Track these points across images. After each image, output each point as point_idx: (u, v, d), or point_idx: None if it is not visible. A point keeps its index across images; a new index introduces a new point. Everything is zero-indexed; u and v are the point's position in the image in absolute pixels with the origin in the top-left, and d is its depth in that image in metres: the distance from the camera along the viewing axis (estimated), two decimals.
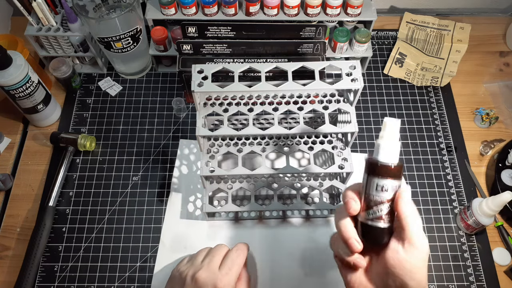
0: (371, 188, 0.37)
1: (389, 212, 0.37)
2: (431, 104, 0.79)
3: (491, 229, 0.67)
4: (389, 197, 0.37)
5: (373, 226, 0.38)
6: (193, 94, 0.52)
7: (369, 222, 0.38)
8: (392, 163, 0.37)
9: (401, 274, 0.37)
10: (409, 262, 0.36)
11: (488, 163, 0.73)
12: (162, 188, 0.69)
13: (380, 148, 0.37)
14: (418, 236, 0.37)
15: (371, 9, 0.74)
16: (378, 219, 0.37)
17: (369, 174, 0.38)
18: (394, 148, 0.37)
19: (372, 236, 0.38)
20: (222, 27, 0.69)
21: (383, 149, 0.37)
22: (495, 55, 0.85)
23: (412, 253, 0.37)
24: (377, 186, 0.37)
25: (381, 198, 0.37)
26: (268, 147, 0.61)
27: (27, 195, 0.69)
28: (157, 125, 0.76)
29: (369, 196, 0.38)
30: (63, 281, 0.62)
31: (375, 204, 0.37)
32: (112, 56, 0.75)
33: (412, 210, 0.38)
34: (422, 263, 0.37)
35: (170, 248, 0.64)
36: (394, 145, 0.37)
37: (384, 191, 0.37)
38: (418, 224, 0.38)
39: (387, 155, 0.37)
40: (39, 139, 0.74)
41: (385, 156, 0.37)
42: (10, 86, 0.65)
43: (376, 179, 0.37)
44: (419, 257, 0.37)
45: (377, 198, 0.37)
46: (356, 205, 0.38)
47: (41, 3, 0.69)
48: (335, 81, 0.54)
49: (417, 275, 0.36)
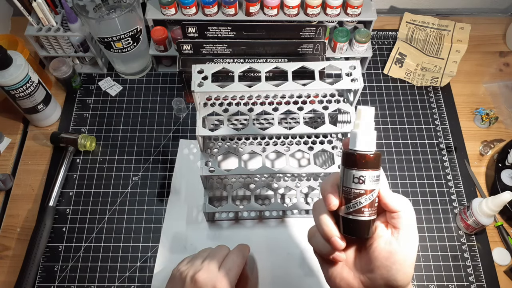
0: (349, 181, 0.35)
1: (370, 203, 0.36)
2: (431, 104, 0.79)
3: (491, 229, 0.67)
4: (368, 188, 0.35)
5: (355, 220, 0.36)
6: (193, 94, 0.52)
7: (350, 216, 0.36)
8: (369, 151, 0.35)
9: (390, 266, 0.35)
10: (402, 254, 0.35)
11: (488, 163, 0.73)
12: (162, 188, 0.69)
13: (356, 137, 0.35)
14: (412, 227, 0.36)
15: (371, 9, 0.74)
16: (359, 212, 0.35)
17: (346, 165, 0.36)
18: (370, 136, 0.35)
19: (354, 230, 0.36)
20: (222, 27, 0.69)
21: (359, 138, 0.35)
22: (495, 55, 0.86)
23: (405, 244, 0.35)
24: (355, 178, 0.35)
25: (361, 190, 0.35)
26: (268, 147, 0.61)
27: (27, 195, 0.69)
28: (157, 125, 0.76)
29: (348, 189, 0.36)
30: (63, 281, 0.62)
31: (355, 197, 0.35)
32: (112, 56, 0.75)
33: (402, 200, 0.36)
34: (414, 257, 0.36)
35: (170, 248, 0.64)
36: (370, 133, 0.35)
37: (363, 182, 0.35)
38: (411, 214, 0.36)
39: (364, 144, 0.35)
40: (39, 139, 0.74)
41: (361, 145, 0.35)
42: (10, 86, 0.65)
43: (354, 171, 0.35)
44: (412, 250, 0.36)
45: (356, 191, 0.35)
46: (335, 199, 0.36)
47: (41, 3, 0.69)
48: (335, 81, 0.54)
49: (408, 268, 0.35)
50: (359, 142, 0.35)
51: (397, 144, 0.74)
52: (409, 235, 0.35)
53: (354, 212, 0.36)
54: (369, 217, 0.36)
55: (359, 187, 0.35)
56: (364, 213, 0.36)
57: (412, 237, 0.36)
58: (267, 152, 0.60)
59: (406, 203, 0.36)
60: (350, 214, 0.36)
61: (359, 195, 0.35)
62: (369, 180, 0.35)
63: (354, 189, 0.35)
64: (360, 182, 0.35)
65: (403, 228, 0.36)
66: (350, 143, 0.36)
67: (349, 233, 0.37)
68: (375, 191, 0.35)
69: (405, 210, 0.36)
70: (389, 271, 0.35)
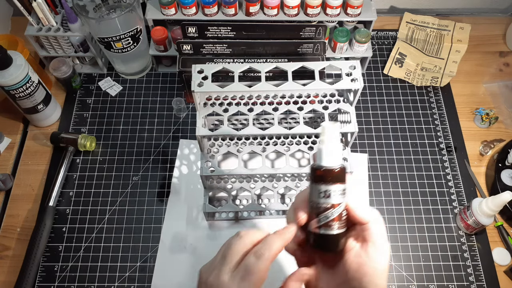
0: (316, 196, 0.36)
1: (337, 217, 0.36)
2: (431, 104, 0.79)
3: (491, 229, 0.67)
4: (335, 202, 0.35)
5: (323, 234, 0.36)
6: (193, 94, 0.52)
7: (319, 231, 0.36)
8: (333, 167, 0.36)
9: (361, 279, 0.35)
10: (371, 265, 0.35)
11: (488, 163, 0.73)
12: (162, 188, 0.69)
13: (322, 152, 0.36)
14: (381, 238, 0.35)
15: (371, 9, 0.74)
16: (327, 226, 0.36)
17: (313, 181, 0.36)
18: (335, 152, 0.36)
19: (324, 244, 0.36)
20: (222, 27, 0.69)
21: (324, 154, 0.36)
22: (495, 55, 0.86)
23: (375, 257, 0.35)
24: (321, 193, 0.36)
25: (327, 204, 0.35)
26: (268, 147, 0.61)
27: (27, 195, 0.69)
28: (157, 125, 0.76)
29: (315, 203, 0.36)
30: (63, 281, 0.62)
31: (322, 211, 0.36)
32: (112, 56, 0.75)
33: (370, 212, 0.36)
34: (385, 268, 0.35)
35: (170, 248, 0.64)
36: (334, 150, 0.36)
37: (331, 196, 0.35)
38: (380, 225, 0.36)
39: (328, 160, 0.36)
40: (39, 139, 0.74)
41: (326, 161, 0.36)
42: (10, 86, 0.65)
43: (320, 185, 0.35)
44: (382, 260, 0.35)
45: (324, 205, 0.35)
46: (303, 214, 0.36)
47: (41, 3, 0.69)
48: (335, 81, 0.54)
49: (379, 280, 0.35)
50: (324, 158, 0.36)
51: (397, 144, 0.74)
52: (378, 246, 0.35)
53: (322, 227, 0.36)
54: (337, 231, 0.36)
55: (327, 201, 0.35)
56: (332, 227, 0.36)
57: (381, 248, 0.35)
58: (267, 152, 0.60)
59: (375, 214, 0.36)
60: (318, 229, 0.36)
61: (325, 209, 0.35)
62: (334, 194, 0.35)
63: (320, 204, 0.36)
64: (326, 197, 0.35)
65: (372, 240, 0.35)
66: (317, 158, 0.37)
67: (319, 247, 0.37)
68: (341, 205, 0.36)
69: (373, 222, 0.35)
70: (360, 283, 0.35)
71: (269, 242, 0.36)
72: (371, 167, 0.72)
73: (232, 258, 0.36)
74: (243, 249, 0.37)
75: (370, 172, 0.71)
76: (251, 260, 0.35)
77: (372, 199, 0.69)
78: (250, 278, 0.35)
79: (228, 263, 0.36)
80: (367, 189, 0.70)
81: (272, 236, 0.37)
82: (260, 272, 0.35)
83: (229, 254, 0.36)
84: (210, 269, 0.37)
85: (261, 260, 0.35)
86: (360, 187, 0.70)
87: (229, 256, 0.36)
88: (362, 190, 0.69)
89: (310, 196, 0.37)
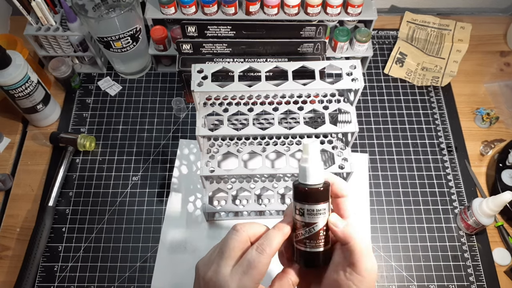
0: (299, 213, 0.36)
1: (316, 235, 0.35)
2: (432, 104, 0.78)
3: (491, 229, 0.67)
4: (311, 221, 0.35)
5: (301, 250, 0.36)
6: (193, 94, 0.52)
7: (300, 246, 0.36)
8: (318, 185, 0.35)
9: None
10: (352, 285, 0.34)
11: (488, 163, 0.73)
12: (162, 188, 0.69)
13: (307, 171, 0.35)
14: (364, 262, 0.34)
15: (372, 9, 0.74)
16: (302, 243, 0.36)
17: (296, 199, 0.36)
18: (319, 169, 0.35)
19: (305, 260, 0.36)
20: (222, 27, 0.69)
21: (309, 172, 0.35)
22: (496, 55, 0.85)
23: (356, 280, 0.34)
24: (296, 210, 0.36)
25: (302, 222, 0.35)
26: (268, 147, 0.61)
27: (27, 195, 0.69)
28: (157, 125, 0.75)
29: (294, 219, 0.36)
30: (63, 281, 0.62)
31: (298, 228, 0.36)
32: (112, 56, 0.75)
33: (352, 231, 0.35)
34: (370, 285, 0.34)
35: (170, 248, 0.64)
36: (318, 166, 0.35)
37: (302, 214, 0.35)
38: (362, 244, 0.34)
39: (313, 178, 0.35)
40: (38, 139, 0.74)
41: (304, 178, 0.35)
42: (10, 86, 0.64)
43: (303, 204, 0.35)
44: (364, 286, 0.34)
45: (299, 222, 0.36)
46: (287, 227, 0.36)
47: (40, 3, 0.69)
48: (335, 81, 0.53)
49: None
50: (303, 175, 0.36)
51: (397, 144, 0.74)
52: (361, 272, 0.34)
53: (298, 242, 0.36)
54: (318, 249, 0.36)
55: (300, 219, 0.35)
56: (312, 244, 0.35)
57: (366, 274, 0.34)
58: (267, 152, 0.60)
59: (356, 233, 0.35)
60: (299, 244, 0.36)
61: (300, 227, 0.36)
62: (315, 213, 0.35)
63: (297, 221, 0.36)
64: (300, 214, 0.35)
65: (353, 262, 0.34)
66: (299, 177, 0.36)
67: (299, 262, 0.37)
68: (317, 224, 0.35)
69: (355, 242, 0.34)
70: None
71: (270, 237, 0.36)
72: (371, 167, 0.72)
73: (231, 252, 0.36)
74: (241, 243, 0.36)
75: (370, 172, 0.71)
76: (253, 254, 0.35)
77: (373, 199, 0.69)
78: (252, 273, 0.34)
79: (227, 258, 0.36)
80: (367, 189, 0.70)
81: (273, 231, 0.37)
82: (263, 267, 0.35)
83: (227, 248, 0.36)
84: (208, 264, 0.37)
85: (263, 255, 0.35)
86: (360, 188, 0.70)
87: (227, 250, 0.36)
88: (362, 190, 0.69)
89: (294, 213, 0.36)
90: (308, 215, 0.35)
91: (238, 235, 0.37)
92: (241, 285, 0.34)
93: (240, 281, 0.34)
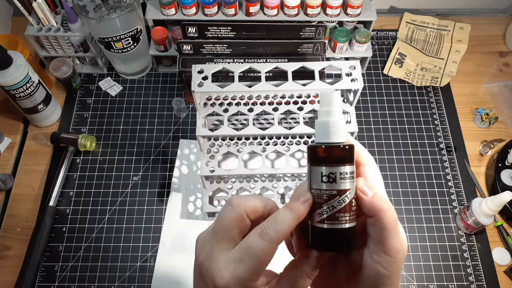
0: (318, 181, 0.28)
1: (348, 206, 0.28)
2: (431, 104, 0.79)
3: (491, 229, 0.67)
4: (344, 187, 0.28)
5: (330, 229, 0.28)
6: (193, 94, 0.52)
7: (323, 225, 0.28)
8: (342, 142, 0.29)
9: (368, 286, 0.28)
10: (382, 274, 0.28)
11: (487, 163, 0.73)
12: (162, 188, 0.69)
13: (325, 126, 0.29)
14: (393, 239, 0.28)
15: (371, 10, 0.74)
16: (334, 218, 0.28)
17: (313, 163, 0.29)
18: (342, 124, 0.29)
19: (330, 242, 0.29)
20: (222, 27, 0.69)
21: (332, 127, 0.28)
22: (495, 55, 0.86)
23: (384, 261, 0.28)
24: (324, 176, 0.28)
25: (333, 191, 0.28)
26: (268, 147, 0.61)
27: (28, 195, 0.69)
28: (157, 125, 0.76)
29: (317, 191, 0.28)
30: (63, 281, 0.62)
31: (326, 200, 0.28)
32: (113, 56, 0.75)
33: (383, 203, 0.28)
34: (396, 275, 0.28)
35: (170, 248, 0.64)
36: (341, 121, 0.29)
37: (337, 181, 0.28)
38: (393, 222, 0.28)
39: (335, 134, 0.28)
40: (39, 139, 0.75)
41: (335, 135, 0.28)
42: (11, 86, 0.65)
43: (324, 168, 0.28)
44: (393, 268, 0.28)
45: (328, 192, 0.28)
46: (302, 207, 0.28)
47: (41, 3, 0.69)
48: (335, 81, 0.54)
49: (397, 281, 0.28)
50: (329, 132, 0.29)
51: (397, 144, 0.74)
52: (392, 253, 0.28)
53: (327, 219, 0.28)
54: (348, 224, 0.28)
55: (334, 187, 0.28)
56: (340, 220, 0.28)
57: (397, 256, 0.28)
58: (267, 152, 0.60)
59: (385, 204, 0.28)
60: (322, 223, 0.28)
61: (331, 197, 0.28)
62: (343, 177, 0.28)
63: (324, 192, 0.28)
64: (330, 181, 0.28)
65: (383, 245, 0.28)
66: (316, 135, 0.30)
67: (324, 247, 0.29)
68: (350, 190, 0.28)
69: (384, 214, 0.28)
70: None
71: (278, 219, 0.28)
72: None
73: (226, 232, 0.29)
74: (236, 222, 0.29)
75: None
76: (253, 239, 0.27)
77: None
78: (250, 262, 0.27)
79: (221, 239, 0.29)
80: None
81: (284, 211, 0.28)
82: (264, 256, 0.27)
83: (221, 227, 0.29)
84: (205, 241, 0.30)
85: (265, 241, 0.27)
86: None
87: (221, 230, 0.29)
88: None
89: (310, 183, 0.29)
90: (342, 179, 0.28)
91: (233, 211, 0.29)
92: (236, 276, 0.27)
93: (234, 271, 0.27)
